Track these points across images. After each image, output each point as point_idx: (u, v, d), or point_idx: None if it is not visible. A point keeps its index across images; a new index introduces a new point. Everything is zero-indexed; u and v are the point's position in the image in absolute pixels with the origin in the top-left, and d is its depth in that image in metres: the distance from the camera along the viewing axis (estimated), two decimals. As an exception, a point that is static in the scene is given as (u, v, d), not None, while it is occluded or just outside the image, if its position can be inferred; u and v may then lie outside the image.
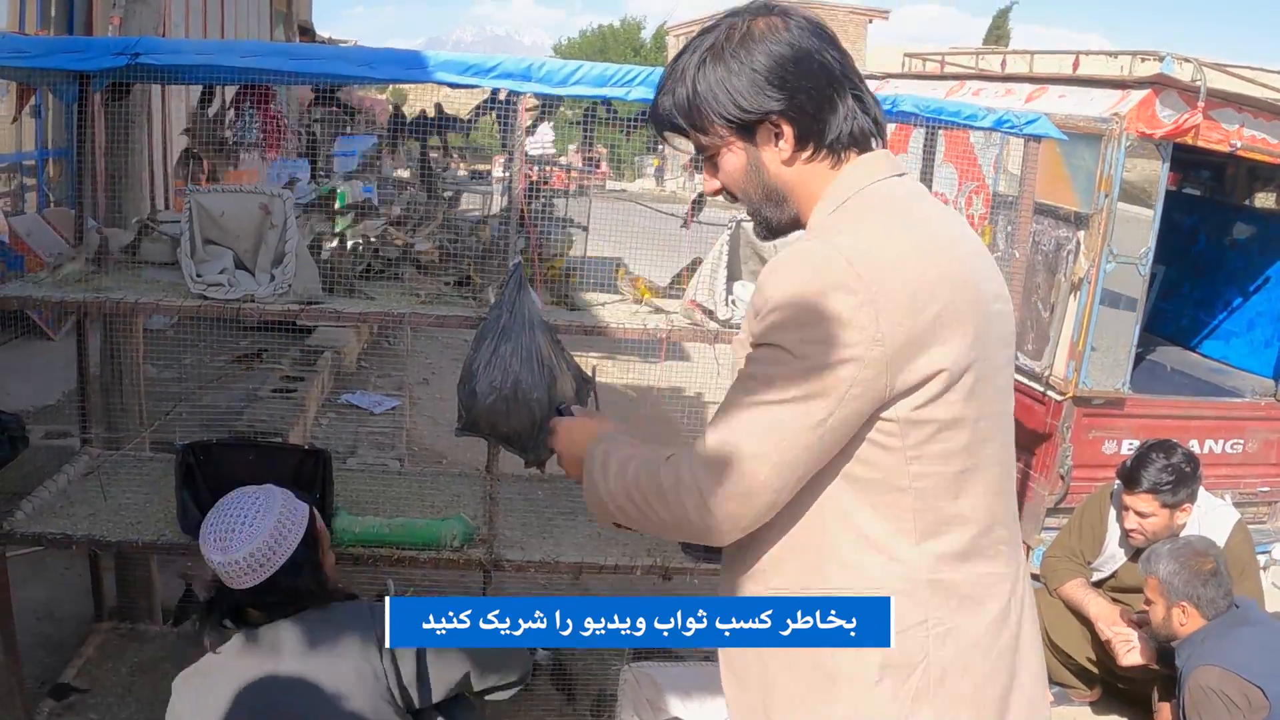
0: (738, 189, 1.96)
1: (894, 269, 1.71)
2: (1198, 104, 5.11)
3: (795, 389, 1.70)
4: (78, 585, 4.96)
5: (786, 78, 1.83)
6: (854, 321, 1.68)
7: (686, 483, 1.77)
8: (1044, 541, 5.27)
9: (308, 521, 2.79)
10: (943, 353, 1.72)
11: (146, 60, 3.40)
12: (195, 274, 3.46)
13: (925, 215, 1.86)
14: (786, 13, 1.88)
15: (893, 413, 1.74)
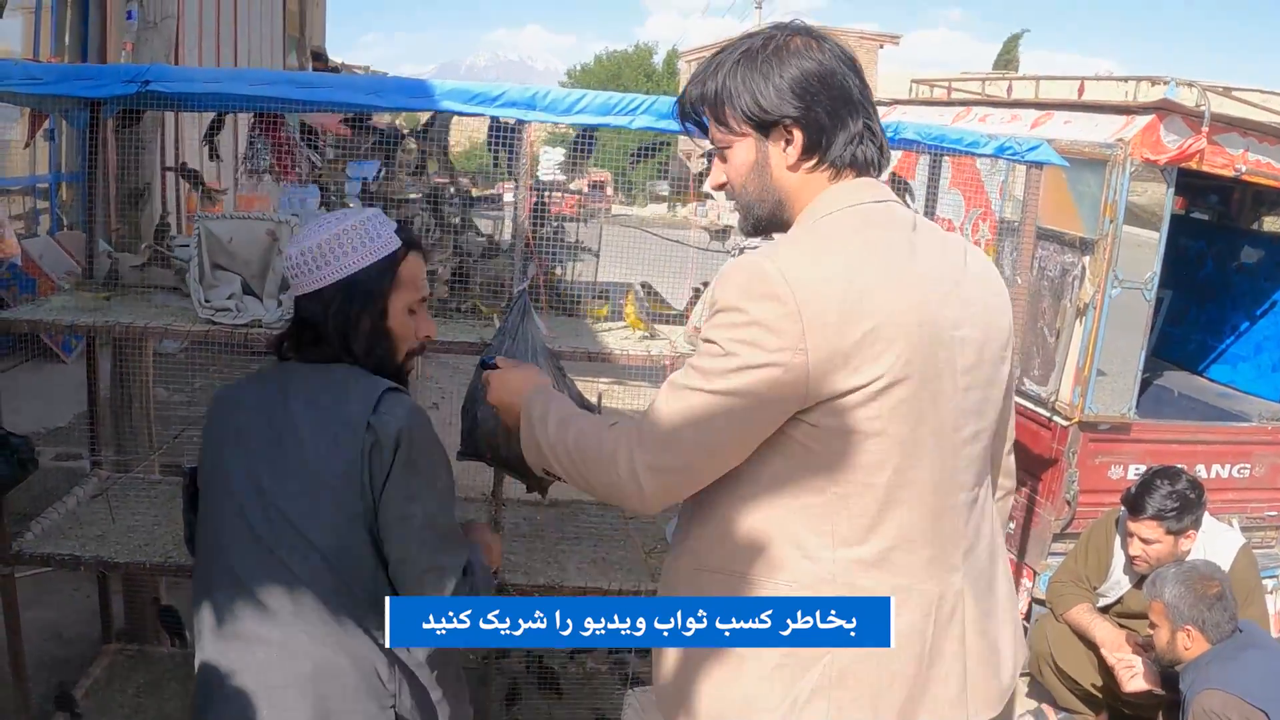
0: (739, 182, 2.10)
1: (826, 284, 1.85)
2: (1202, 129, 5.12)
3: (722, 382, 1.87)
4: (86, 606, 4.99)
5: (808, 90, 1.97)
6: (778, 329, 1.83)
7: (623, 453, 1.96)
8: (1050, 567, 5.27)
9: (390, 256, 2.46)
10: (870, 368, 1.85)
11: (157, 88, 3.45)
12: (204, 299, 3.50)
13: (889, 240, 1.97)
14: (822, 38, 2.03)
15: (814, 418, 1.88)
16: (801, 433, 1.90)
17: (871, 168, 2.06)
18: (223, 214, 3.74)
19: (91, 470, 4.35)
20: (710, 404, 1.88)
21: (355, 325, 2.42)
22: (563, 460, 2.11)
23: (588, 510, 4.40)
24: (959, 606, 2.00)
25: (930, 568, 1.96)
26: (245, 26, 17.56)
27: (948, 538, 2.00)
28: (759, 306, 1.84)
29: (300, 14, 22.27)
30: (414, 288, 2.51)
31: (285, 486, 2.32)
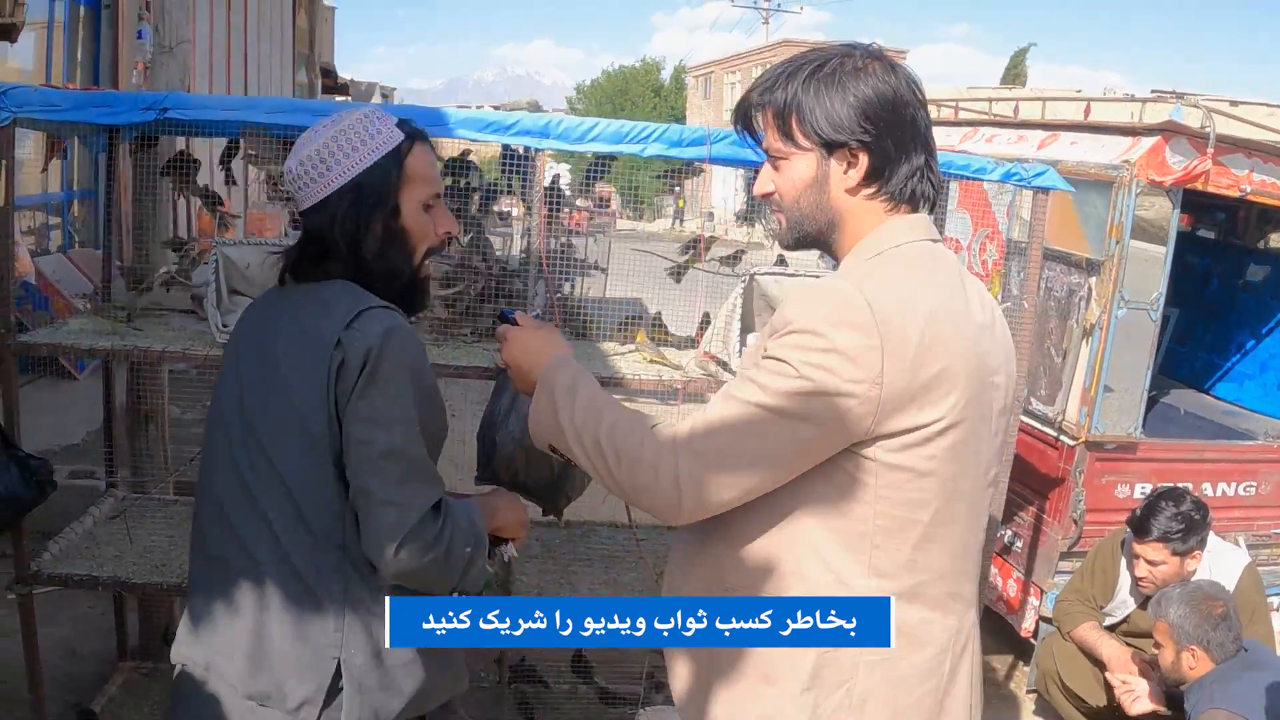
0: (791, 195, 2.06)
1: (908, 323, 1.83)
2: (1207, 150, 5.14)
3: (789, 404, 1.83)
4: (101, 624, 5.02)
5: (880, 117, 1.95)
6: (859, 360, 1.80)
7: (667, 459, 1.89)
8: (1056, 586, 5.29)
9: (394, 151, 2.29)
10: (933, 409, 1.85)
11: (175, 115, 3.50)
12: (221, 324, 3.54)
13: (949, 281, 1.97)
14: (895, 66, 2.01)
15: (872, 452, 1.87)
16: (853, 464, 1.88)
17: (925, 204, 2.06)
18: (239, 239, 3.77)
19: (107, 490, 4.39)
20: (772, 423, 1.85)
21: (366, 230, 2.27)
22: (588, 449, 1.99)
23: (599, 532, 4.44)
24: (970, 640, 2.06)
25: (951, 603, 2.00)
26: (255, 44, 17.64)
27: (967, 574, 2.04)
28: (843, 334, 1.81)
29: (309, 30, 22.37)
30: (425, 181, 2.34)
31: (263, 411, 2.22)
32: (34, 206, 10.25)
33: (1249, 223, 7.41)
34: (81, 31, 11.47)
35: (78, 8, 11.35)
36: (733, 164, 3.82)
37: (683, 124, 42.43)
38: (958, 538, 1.99)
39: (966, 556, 2.04)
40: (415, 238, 2.34)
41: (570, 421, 2.03)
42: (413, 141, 2.32)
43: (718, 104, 54.01)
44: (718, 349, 3.77)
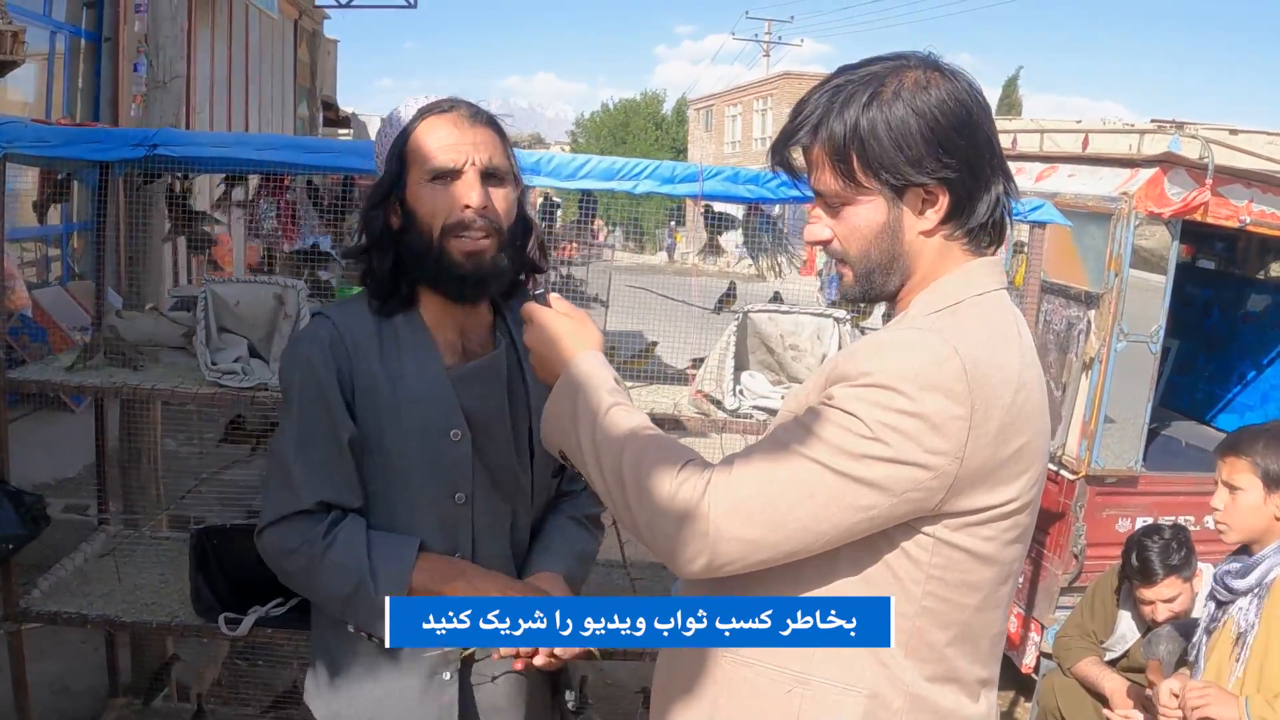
0: (858, 246, 1.79)
1: (1000, 395, 1.63)
2: (1206, 181, 5.14)
3: (854, 466, 1.61)
4: (93, 660, 4.98)
5: (958, 144, 1.69)
6: (945, 430, 1.60)
7: (699, 508, 1.64)
8: (1057, 621, 5.24)
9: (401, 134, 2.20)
10: (1006, 490, 1.68)
11: (165, 152, 3.49)
12: (210, 362, 3.53)
13: (1025, 340, 1.76)
14: (953, 73, 1.74)
15: (933, 529, 1.68)
16: (910, 540, 1.69)
17: (1002, 238, 1.82)
18: (230, 277, 3.76)
19: (99, 526, 4.36)
20: (830, 484, 1.62)
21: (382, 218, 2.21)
22: (606, 474, 1.79)
23: (594, 571, 4.33)
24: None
25: (980, 688, 1.85)
26: (256, 77, 17.72)
27: (996, 657, 1.89)
28: (930, 399, 1.59)
29: (311, 64, 22.47)
30: (429, 154, 2.16)
31: None
32: (33, 239, 10.27)
33: (1249, 253, 7.40)
34: (82, 65, 11.53)
35: (78, 41, 11.41)
36: (725, 200, 3.81)
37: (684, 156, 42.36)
38: (999, 622, 1.83)
39: (1000, 639, 1.88)
40: (424, 214, 2.17)
41: (590, 436, 1.81)
42: (421, 118, 2.18)
43: (719, 136, 54.25)
44: (711, 387, 3.74)
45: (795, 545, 1.66)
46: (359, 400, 2.20)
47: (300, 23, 21.07)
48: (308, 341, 2.23)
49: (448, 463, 2.23)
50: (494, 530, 2.31)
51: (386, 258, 2.21)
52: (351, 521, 2.19)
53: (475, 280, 2.20)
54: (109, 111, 11.48)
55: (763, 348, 3.90)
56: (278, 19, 18.55)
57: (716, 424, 3.68)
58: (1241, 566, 3.37)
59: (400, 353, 2.24)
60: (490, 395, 2.27)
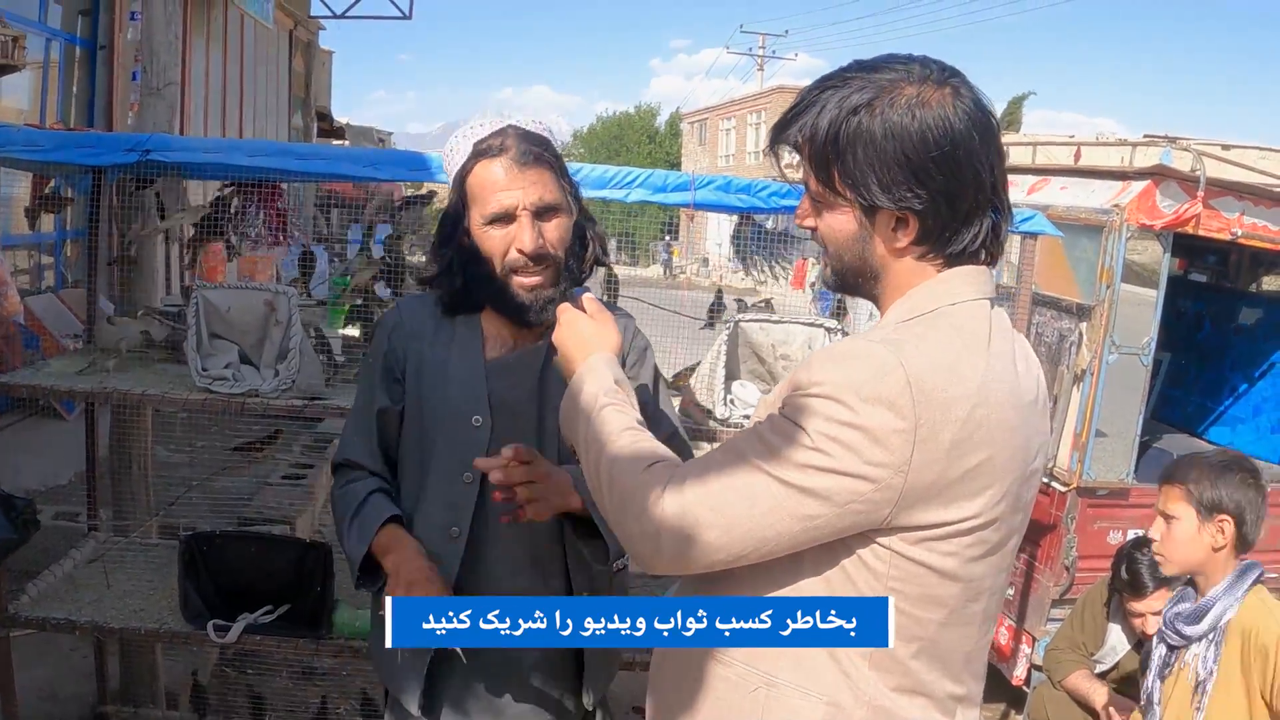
0: (833, 244, 1.79)
1: (950, 408, 1.60)
2: (1197, 194, 5.15)
3: (797, 476, 1.62)
4: (82, 667, 4.97)
5: (935, 177, 1.65)
6: (886, 443, 1.58)
7: (653, 507, 1.68)
8: (1048, 633, 5.24)
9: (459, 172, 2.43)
10: (965, 506, 1.65)
11: (157, 157, 3.49)
12: (201, 368, 3.52)
13: (1003, 351, 1.71)
14: (959, 92, 1.68)
15: (887, 540, 1.66)
16: (867, 549, 1.68)
17: (992, 260, 1.78)
18: (222, 283, 3.76)
19: (89, 532, 4.35)
20: (774, 492, 1.63)
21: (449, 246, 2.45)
22: (590, 470, 1.86)
23: None
24: None
25: (954, 704, 1.81)
26: (251, 87, 17.72)
27: (974, 674, 1.86)
28: (871, 410, 1.58)
29: (306, 74, 22.47)
30: (484, 200, 2.36)
31: None
32: (27, 246, 10.26)
33: (1241, 265, 7.41)
34: (77, 72, 11.53)
35: (73, 48, 11.41)
36: (717, 209, 3.81)
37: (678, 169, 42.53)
38: (971, 639, 1.79)
39: (978, 657, 1.85)
40: (485, 253, 2.39)
41: (584, 435, 1.89)
42: (476, 160, 2.38)
43: (713, 150, 54.26)
44: (702, 397, 3.74)
45: (744, 549, 1.67)
46: (409, 378, 2.53)
47: (295, 33, 21.07)
48: (379, 325, 2.66)
49: (465, 444, 2.44)
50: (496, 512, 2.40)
51: (457, 279, 2.46)
52: (361, 482, 2.54)
53: (535, 310, 2.41)
54: (103, 118, 11.48)
55: (754, 357, 3.90)
56: (273, 29, 18.56)
57: (708, 433, 3.67)
58: (1193, 610, 3.30)
59: (451, 343, 2.51)
60: (519, 385, 2.49)
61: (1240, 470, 3.30)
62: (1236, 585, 3.21)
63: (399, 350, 2.52)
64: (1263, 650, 3.09)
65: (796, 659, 1.75)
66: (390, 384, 2.53)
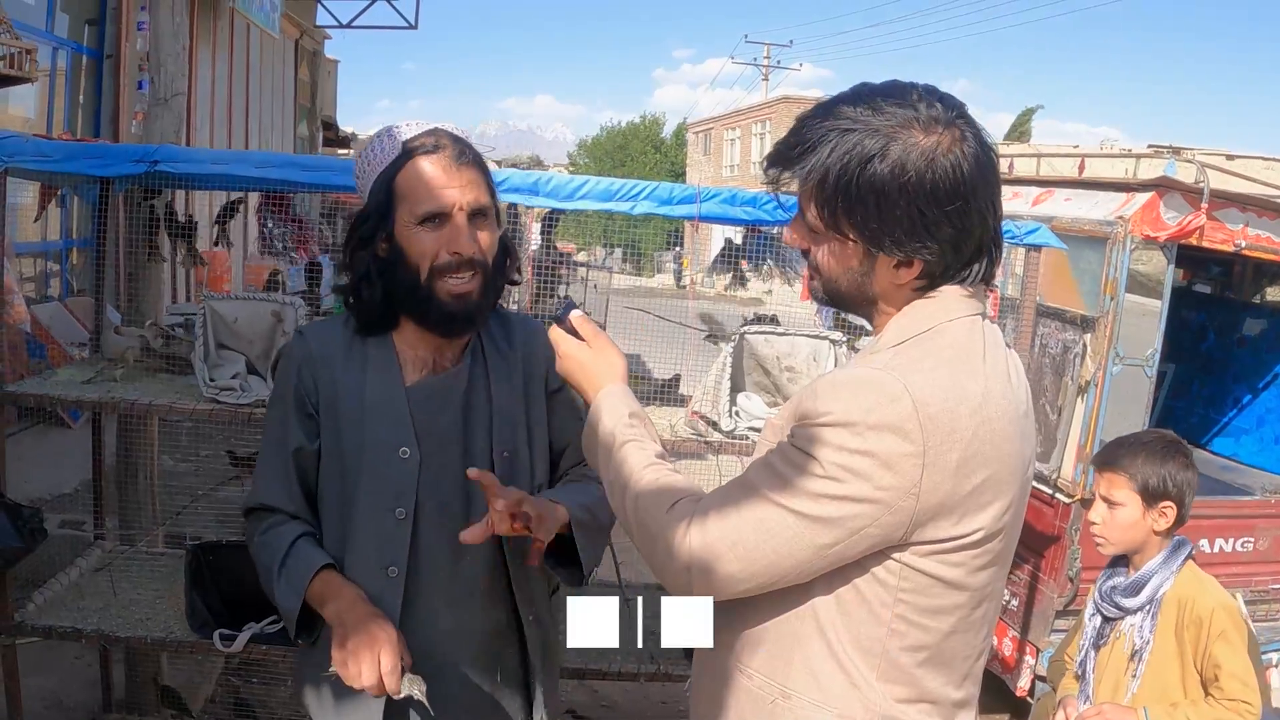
0: (828, 270, 1.81)
1: (955, 429, 1.63)
2: (1201, 205, 5.15)
3: (811, 506, 1.65)
4: (87, 675, 4.98)
5: (945, 230, 1.69)
6: (897, 468, 1.62)
7: (680, 544, 1.72)
8: (1052, 644, 5.23)
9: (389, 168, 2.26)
10: (973, 520, 1.69)
11: (165, 168, 3.51)
12: (208, 378, 3.54)
13: (997, 365, 1.75)
14: (964, 134, 1.69)
15: (900, 556, 1.70)
16: (880, 565, 1.71)
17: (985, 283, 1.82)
18: (229, 294, 3.78)
19: (95, 541, 4.36)
20: (790, 524, 1.66)
21: (367, 248, 2.28)
22: (617, 508, 1.90)
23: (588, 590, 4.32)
24: None
25: (956, 709, 1.86)
26: (257, 97, 17.74)
27: (974, 678, 1.90)
28: (880, 437, 1.61)
29: (311, 84, 22.51)
30: (418, 198, 2.23)
31: None
32: (33, 254, 10.28)
33: (1245, 277, 7.41)
34: (83, 81, 11.55)
35: (80, 57, 11.43)
36: (722, 222, 3.83)
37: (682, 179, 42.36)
38: (974, 645, 1.84)
39: (978, 661, 1.89)
40: (413, 256, 2.24)
41: (608, 474, 1.92)
42: (410, 157, 2.24)
43: (717, 159, 54.27)
44: (707, 409, 3.75)
45: (766, 579, 1.72)
46: (323, 412, 2.32)
47: (301, 42, 21.11)
48: (285, 357, 2.41)
49: (392, 478, 2.28)
50: (438, 548, 2.33)
51: (376, 290, 2.29)
52: (284, 526, 2.33)
53: (463, 319, 2.29)
54: (109, 128, 11.50)
55: (759, 369, 3.90)
56: (279, 38, 18.58)
57: (713, 445, 3.68)
58: (1129, 583, 3.34)
59: (365, 367, 2.33)
60: (444, 412, 2.33)
61: (1179, 454, 3.35)
62: (1171, 559, 3.28)
63: (309, 382, 2.33)
64: (1196, 620, 3.18)
65: (810, 672, 1.78)
66: (304, 420, 2.33)
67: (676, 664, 3.74)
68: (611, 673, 3.72)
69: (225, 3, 14.55)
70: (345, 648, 2.08)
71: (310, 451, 2.33)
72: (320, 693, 2.34)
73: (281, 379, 2.39)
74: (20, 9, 9.56)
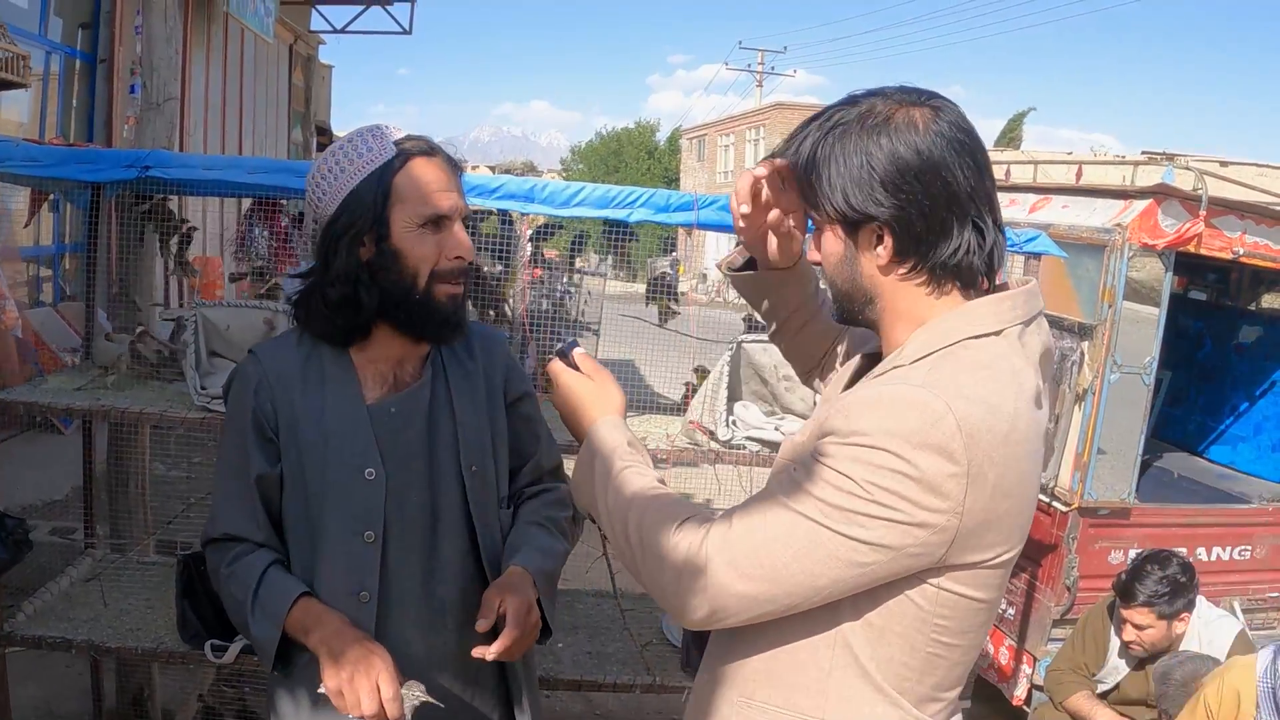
0: (829, 271, 1.82)
1: (996, 450, 1.60)
2: (1199, 213, 5.15)
3: (850, 527, 1.60)
4: (78, 685, 4.95)
5: (902, 186, 1.67)
6: (942, 490, 1.57)
7: (694, 564, 1.66)
8: (1049, 653, 5.22)
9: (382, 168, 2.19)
10: (1003, 541, 1.66)
11: (156, 174, 3.48)
12: (200, 386, 3.51)
13: (1028, 388, 1.69)
14: (939, 111, 1.70)
15: (937, 580, 1.66)
16: (915, 589, 1.67)
17: (979, 278, 1.75)
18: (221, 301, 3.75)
19: (86, 550, 4.33)
20: (825, 542, 1.61)
21: (349, 251, 2.19)
22: (617, 536, 1.82)
23: (584, 600, 4.39)
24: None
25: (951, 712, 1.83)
26: (250, 101, 17.73)
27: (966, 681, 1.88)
28: (925, 458, 1.56)
29: (305, 88, 22.48)
30: (421, 200, 2.19)
31: None
32: (26, 259, 10.25)
33: (1241, 284, 7.42)
34: (76, 85, 11.53)
35: (73, 61, 11.41)
36: (721, 229, 3.80)
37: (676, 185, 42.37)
38: (978, 650, 1.82)
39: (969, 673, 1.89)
40: (412, 259, 2.20)
41: (604, 502, 1.85)
42: (407, 158, 2.20)
43: (711, 166, 54.27)
44: (704, 418, 3.73)
45: (795, 599, 1.66)
46: (283, 435, 2.26)
47: (295, 47, 21.08)
48: (240, 379, 2.31)
49: (359, 500, 2.23)
50: (408, 570, 2.30)
51: (372, 293, 2.22)
52: (253, 555, 2.25)
53: (455, 323, 2.29)
54: (103, 132, 11.48)
55: (756, 378, 3.89)
56: (273, 43, 18.56)
57: (709, 455, 3.66)
58: None
59: (323, 387, 2.27)
60: (408, 430, 2.29)
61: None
62: None
63: (267, 406, 2.25)
64: None
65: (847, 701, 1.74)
66: (264, 444, 2.26)
67: (672, 675, 3.73)
68: (607, 683, 3.71)
69: (220, 7, 14.53)
70: (339, 676, 2.02)
71: (273, 477, 2.26)
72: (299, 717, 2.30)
73: (236, 402, 2.30)
74: (13, 13, 9.54)
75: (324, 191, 2.21)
